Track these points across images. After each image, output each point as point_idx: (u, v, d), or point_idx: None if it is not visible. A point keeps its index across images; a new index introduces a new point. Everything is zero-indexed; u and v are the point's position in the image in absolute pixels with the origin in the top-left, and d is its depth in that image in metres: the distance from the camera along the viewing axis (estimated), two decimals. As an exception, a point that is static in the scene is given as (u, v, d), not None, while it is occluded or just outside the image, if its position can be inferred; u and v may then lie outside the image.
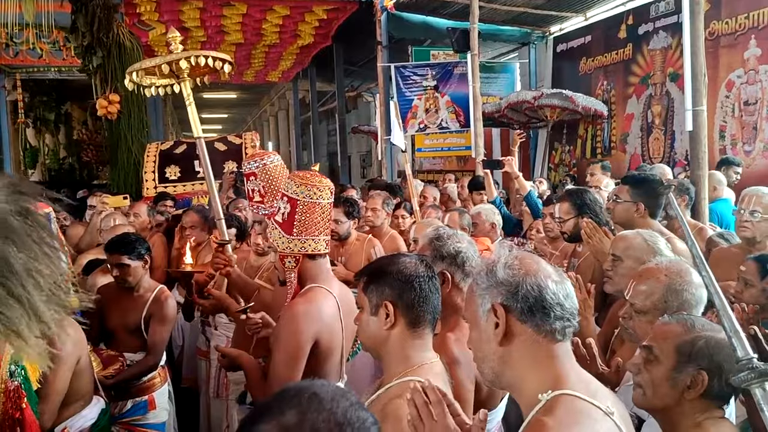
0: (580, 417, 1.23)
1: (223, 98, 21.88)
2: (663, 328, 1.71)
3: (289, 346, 2.12)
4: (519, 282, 1.34)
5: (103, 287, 3.43)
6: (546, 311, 1.32)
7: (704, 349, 1.60)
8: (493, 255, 1.43)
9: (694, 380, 1.59)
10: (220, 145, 6.79)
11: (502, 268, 1.37)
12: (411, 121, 9.64)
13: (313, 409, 0.87)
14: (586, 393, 1.28)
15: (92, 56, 8.22)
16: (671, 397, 1.62)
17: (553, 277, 1.36)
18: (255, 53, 13.06)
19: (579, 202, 3.29)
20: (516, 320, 1.34)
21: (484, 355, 1.40)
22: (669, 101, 7.87)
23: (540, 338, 1.33)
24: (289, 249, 2.22)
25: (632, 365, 1.74)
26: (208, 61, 3.08)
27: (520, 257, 1.39)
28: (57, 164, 15.98)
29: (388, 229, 4.74)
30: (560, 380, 1.30)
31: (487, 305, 1.37)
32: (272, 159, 2.59)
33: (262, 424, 0.86)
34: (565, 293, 1.35)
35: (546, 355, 1.33)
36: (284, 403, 0.88)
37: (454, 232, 2.30)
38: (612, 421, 1.25)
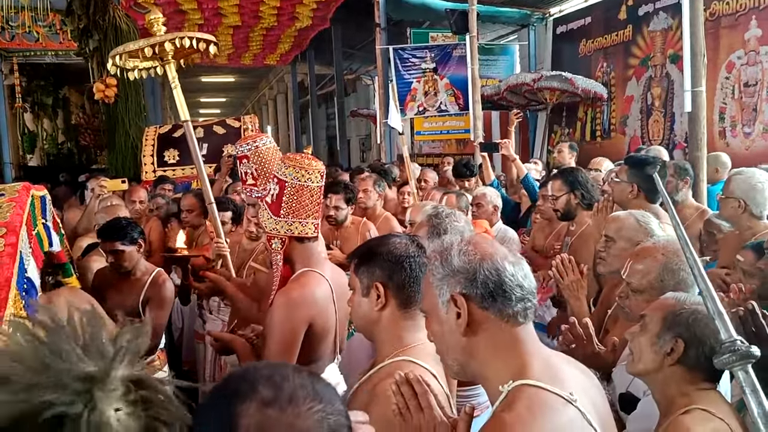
0: (539, 410, 1.20)
1: (221, 82, 21.80)
2: (659, 301, 1.78)
3: (283, 332, 2.12)
4: (476, 268, 1.30)
5: (100, 271, 3.42)
6: (507, 294, 1.29)
7: (685, 320, 1.67)
8: (445, 240, 1.39)
9: (673, 347, 1.66)
10: (219, 129, 6.77)
11: (456, 255, 1.33)
12: (410, 104, 9.59)
13: (281, 381, 0.88)
14: (550, 380, 1.25)
15: (89, 39, 8.18)
16: (654, 362, 1.70)
17: (509, 258, 1.33)
18: (253, 36, 12.97)
19: (571, 178, 3.30)
20: (477, 308, 1.30)
21: (447, 347, 1.36)
22: (669, 83, 7.83)
23: (503, 324, 1.30)
24: (276, 230, 2.23)
25: (629, 333, 1.81)
26: (193, 42, 3.05)
27: (474, 242, 1.35)
28: (55, 149, 15.96)
29: (381, 211, 4.75)
30: (523, 369, 1.27)
31: (446, 295, 1.32)
32: (264, 141, 2.58)
33: (241, 405, 0.86)
34: (524, 273, 1.32)
35: (510, 341, 1.30)
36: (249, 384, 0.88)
37: (452, 212, 2.31)
38: (575, 407, 1.23)
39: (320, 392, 0.90)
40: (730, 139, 6.85)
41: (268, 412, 0.85)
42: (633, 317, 2.01)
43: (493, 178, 5.31)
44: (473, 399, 2.40)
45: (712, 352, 1.62)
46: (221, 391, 0.91)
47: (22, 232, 2.28)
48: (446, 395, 1.58)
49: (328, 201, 4.11)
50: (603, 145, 8.80)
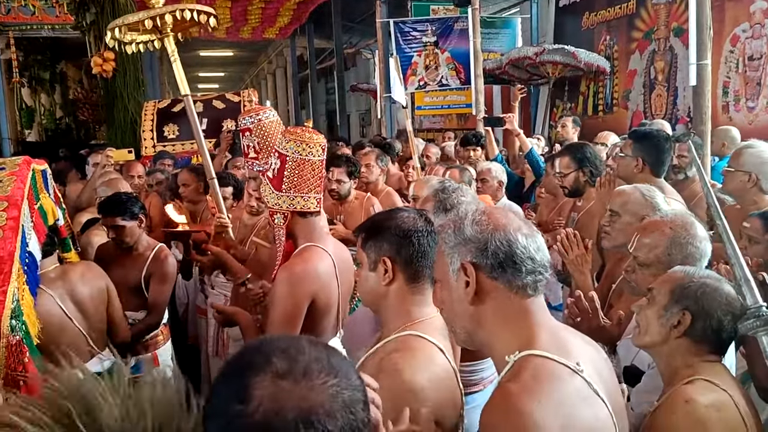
0: (546, 379, 1.20)
1: (219, 56, 21.59)
2: (668, 275, 1.78)
3: (286, 307, 2.12)
4: (488, 238, 1.30)
5: (102, 246, 3.41)
6: (517, 266, 1.28)
7: (693, 292, 1.67)
8: (461, 209, 1.38)
9: (680, 320, 1.66)
10: (219, 103, 6.71)
11: (469, 224, 1.32)
12: (411, 78, 9.51)
13: (296, 354, 0.88)
14: (556, 351, 1.25)
15: (85, 12, 8.05)
16: (660, 334, 1.70)
17: (523, 230, 1.32)
18: (251, 9, 12.80)
19: (579, 155, 3.27)
20: (486, 278, 1.30)
21: (455, 315, 1.37)
22: (672, 57, 7.75)
23: (512, 294, 1.29)
24: (278, 205, 2.21)
25: (636, 305, 1.81)
26: (193, 15, 3.00)
27: (488, 212, 1.35)
28: (53, 124, 15.84)
29: (383, 186, 4.74)
30: (530, 340, 1.26)
31: (457, 264, 1.32)
32: (267, 114, 2.55)
33: (255, 377, 0.85)
34: (536, 246, 1.31)
35: (518, 312, 1.30)
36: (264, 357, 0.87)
37: (459, 186, 2.29)
38: (581, 377, 1.23)
39: (336, 366, 0.89)
40: (733, 114, 6.80)
41: (281, 384, 0.85)
42: (639, 291, 2.01)
43: (497, 152, 5.27)
44: (477, 374, 2.40)
45: (719, 324, 1.65)
46: (236, 363, 0.90)
47: (23, 206, 2.27)
48: (453, 369, 1.58)
49: (330, 175, 4.09)
50: (605, 119, 8.75)
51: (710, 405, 1.54)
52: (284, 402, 0.83)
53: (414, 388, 1.46)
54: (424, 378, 1.49)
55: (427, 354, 1.54)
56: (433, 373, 1.52)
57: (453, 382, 1.58)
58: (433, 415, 1.48)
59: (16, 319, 1.98)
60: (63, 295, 2.74)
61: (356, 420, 0.87)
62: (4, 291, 1.98)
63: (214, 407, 0.87)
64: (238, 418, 0.83)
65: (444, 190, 2.23)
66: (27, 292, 2.14)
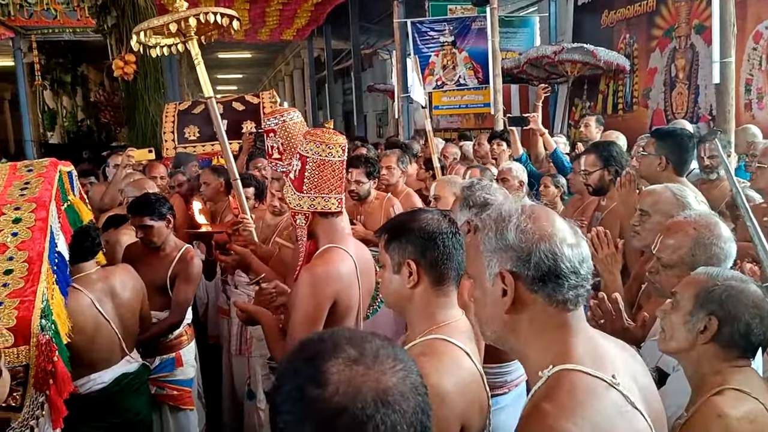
0: (582, 396, 1.15)
1: (237, 58, 21.72)
2: (691, 277, 1.75)
3: (308, 308, 2.13)
4: (531, 249, 1.21)
5: (130, 246, 3.46)
6: (560, 281, 1.21)
7: (718, 297, 1.63)
8: (504, 209, 1.30)
9: (706, 326, 1.63)
10: (238, 105, 6.76)
11: (513, 230, 1.24)
12: (428, 78, 9.49)
13: (363, 342, 0.92)
14: (592, 363, 1.20)
15: (106, 16, 8.18)
16: (687, 340, 1.67)
17: (569, 239, 1.24)
18: (269, 11, 12.88)
19: (605, 154, 3.24)
20: (526, 289, 1.23)
21: (486, 318, 1.31)
22: (694, 54, 7.66)
23: (551, 308, 1.23)
24: (299, 206, 2.22)
25: (660, 311, 1.78)
26: (216, 18, 3.02)
27: (534, 216, 1.25)
28: (75, 126, 16.07)
29: (403, 187, 4.74)
30: (565, 352, 1.22)
31: (495, 269, 1.25)
32: (292, 116, 2.57)
33: (327, 362, 0.88)
34: (581, 258, 1.24)
35: (555, 325, 1.24)
36: (332, 345, 0.91)
37: (489, 184, 2.27)
38: (617, 391, 1.18)
39: (399, 353, 0.93)
40: (756, 112, 6.71)
41: (355, 368, 0.88)
42: (663, 293, 1.99)
43: (522, 152, 5.24)
44: (502, 377, 2.39)
45: (747, 328, 1.61)
46: (303, 354, 0.93)
47: (51, 207, 2.30)
48: (479, 373, 1.57)
49: (349, 176, 4.10)
50: (625, 118, 8.67)
51: (742, 417, 1.51)
52: (361, 385, 0.86)
53: (441, 393, 1.43)
54: (451, 382, 1.47)
55: (453, 358, 1.53)
56: (460, 377, 1.51)
57: (479, 386, 1.57)
58: (460, 420, 1.48)
59: (45, 319, 2.01)
60: (102, 297, 2.79)
61: (425, 403, 0.90)
62: (33, 291, 2.02)
63: (287, 393, 0.89)
64: (316, 402, 0.86)
65: (470, 187, 2.22)
66: (57, 291, 2.17)
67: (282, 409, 0.89)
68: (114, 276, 2.90)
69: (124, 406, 2.90)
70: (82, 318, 2.66)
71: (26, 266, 2.06)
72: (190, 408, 3.50)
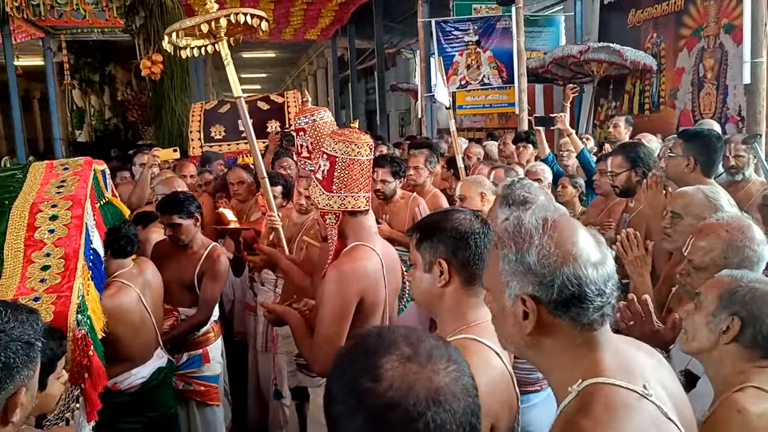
0: (618, 411, 1.13)
1: (261, 57, 21.85)
2: (715, 279, 1.74)
3: (335, 305, 2.15)
4: (554, 274, 1.16)
5: (159, 243, 3.52)
6: (584, 306, 1.17)
7: (742, 298, 1.63)
8: (524, 222, 1.23)
9: (729, 326, 1.63)
10: (263, 104, 6.81)
11: (535, 253, 1.18)
12: (452, 78, 9.48)
13: (418, 341, 0.93)
14: (622, 374, 1.18)
15: (135, 16, 8.30)
16: (709, 341, 1.67)
17: (593, 258, 1.18)
18: (293, 11, 12.95)
19: (632, 155, 3.20)
20: (548, 313, 1.19)
21: (506, 335, 1.29)
22: (722, 54, 7.54)
23: (576, 331, 1.20)
24: (329, 206, 2.24)
25: (683, 311, 1.79)
26: (247, 18, 3.06)
27: (556, 237, 1.19)
28: (102, 125, 16.33)
29: (430, 187, 4.73)
30: (594, 366, 1.19)
31: (514, 290, 1.21)
32: (322, 115, 2.59)
33: (382, 357, 0.90)
34: (606, 277, 1.18)
35: (581, 344, 1.21)
36: (388, 342, 0.93)
37: (529, 183, 2.27)
38: (650, 402, 1.16)
39: (453, 354, 0.95)
40: (787, 112, 6.59)
41: (409, 366, 0.90)
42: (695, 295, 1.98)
43: (548, 152, 5.21)
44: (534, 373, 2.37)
45: None
46: (358, 347, 0.95)
47: (86, 205, 2.36)
48: (509, 373, 1.57)
49: (375, 175, 4.11)
50: (652, 118, 8.57)
51: (763, 414, 1.50)
52: (414, 382, 0.88)
53: None
54: (482, 382, 1.44)
55: (483, 358, 1.53)
56: (490, 377, 1.50)
57: (509, 386, 1.56)
58: (490, 419, 1.48)
59: (81, 314, 2.06)
60: (144, 291, 2.88)
61: (475, 405, 0.92)
62: (70, 286, 2.07)
63: (340, 385, 0.92)
64: (369, 395, 0.88)
65: (510, 185, 2.21)
66: (92, 287, 2.22)
67: (336, 399, 0.91)
68: (146, 270, 2.98)
69: (160, 399, 2.98)
70: (132, 312, 2.76)
71: (63, 262, 2.11)
72: (217, 404, 3.55)
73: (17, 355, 1.27)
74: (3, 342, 1.26)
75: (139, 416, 2.87)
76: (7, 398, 1.28)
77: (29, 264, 2.09)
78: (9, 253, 2.11)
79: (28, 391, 1.33)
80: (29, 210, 2.26)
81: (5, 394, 1.27)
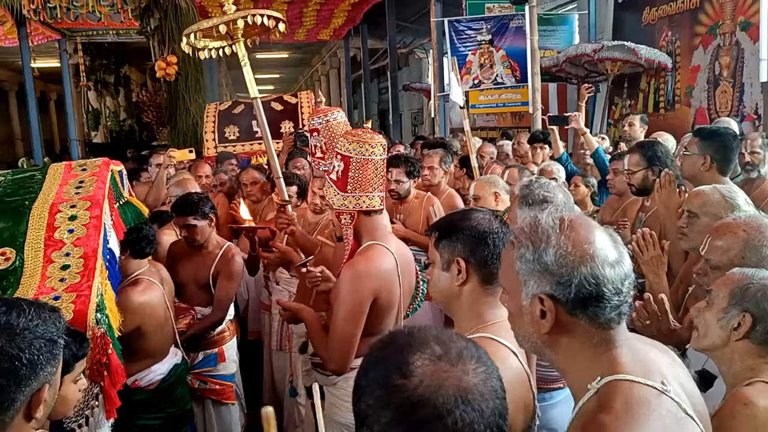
0: (638, 406, 1.14)
1: (274, 58, 21.93)
2: (726, 276, 1.75)
3: (349, 304, 2.16)
4: (572, 273, 1.18)
5: (174, 244, 3.55)
6: (601, 305, 1.18)
7: (753, 294, 1.64)
8: (541, 222, 1.25)
9: (740, 322, 1.63)
10: (277, 105, 6.84)
11: (552, 252, 1.19)
12: (465, 77, 9.46)
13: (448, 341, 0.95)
14: (640, 370, 1.18)
15: (149, 18, 8.38)
16: (720, 337, 1.68)
17: (610, 257, 1.19)
18: (306, 11, 12.99)
19: (650, 153, 3.18)
20: (565, 312, 1.20)
21: (523, 333, 1.30)
22: (739, 52, 7.46)
23: (593, 329, 1.21)
24: (344, 206, 2.25)
25: (695, 308, 1.79)
26: (264, 19, 3.08)
27: (572, 237, 1.20)
28: (117, 126, 16.50)
29: (445, 187, 4.73)
30: (613, 363, 1.20)
31: (532, 290, 1.22)
32: (336, 116, 2.60)
33: (413, 355, 0.92)
34: (623, 275, 1.19)
35: (598, 342, 1.22)
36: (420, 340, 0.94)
37: (547, 182, 2.27)
38: (668, 398, 1.17)
39: (482, 356, 0.96)
40: (805, 110, 6.52)
41: (439, 364, 0.91)
42: (708, 292, 1.97)
43: (562, 151, 5.18)
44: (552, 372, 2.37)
45: None
46: (390, 345, 0.97)
47: (104, 205, 2.38)
48: (526, 373, 1.57)
49: (389, 175, 4.12)
50: (667, 117, 8.50)
51: None
52: (443, 380, 0.90)
53: None
54: None
55: (500, 357, 1.52)
56: (507, 376, 1.45)
57: (526, 386, 1.57)
58: None
59: (100, 312, 2.09)
60: (165, 288, 2.93)
61: (502, 407, 0.93)
62: (89, 285, 2.09)
63: (370, 379, 0.93)
64: (399, 390, 0.89)
65: (528, 186, 2.21)
66: (109, 287, 2.25)
67: (365, 392, 0.93)
68: (160, 269, 3.03)
69: (178, 396, 3.02)
70: (159, 308, 2.84)
71: (82, 262, 2.14)
72: (232, 402, 3.58)
73: (41, 352, 1.29)
74: (27, 339, 1.28)
75: (159, 412, 2.91)
76: (31, 395, 1.30)
77: (49, 263, 2.12)
78: (30, 253, 2.14)
79: (51, 388, 1.35)
80: (49, 210, 2.29)
81: (29, 391, 1.29)
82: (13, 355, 1.26)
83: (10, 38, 12.57)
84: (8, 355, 1.25)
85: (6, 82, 19.97)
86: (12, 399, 1.26)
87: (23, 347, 1.27)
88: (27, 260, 2.13)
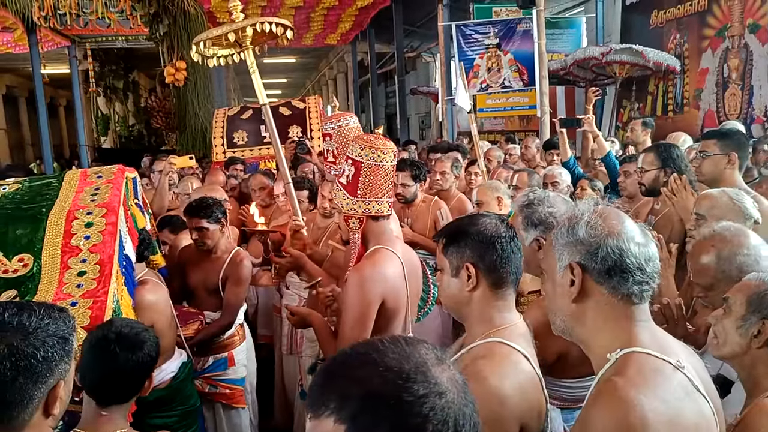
0: (651, 374, 1.23)
1: (282, 63, 21.99)
2: (742, 282, 1.76)
3: (357, 308, 2.16)
4: (599, 243, 1.32)
5: (184, 249, 3.58)
6: (625, 276, 1.31)
7: None
8: (578, 209, 1.42)
9: (760, 330, 1.64)
10: (285, 110, 6.87)
11: (584, 226, 1.35)
12: (473, 81, 9.47)
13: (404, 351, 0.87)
14: (658, 349, 1.28)
15: (159, 24, 8.45)
16: (740, 345, 1.68)
17: (637, 238, 1.33)
18: (314, 16, 13.04)
19: (665, 155, 3.14)
20: (592, 280, 1.34)
21: (556, 308, 1.42)
22: (748, 54, 7.46)
23: (615, 300, 1.32)
24: (353, 210, 2.26)
25: (712, 317, 1.80)
26: (272, 27, 3.10)
27: (605, 215, 1.36)
28: (126, 131, 16.60)
29: (455, 192, 4.74)
30: (631, 338, 1.30)
31: (565, 261, 1.37)
32: (348, 121, 2.62)
33: (362, 369, 0.84)
34: (647, 256, 1.32)
35: (620, 316, 1.33)
36: (374, 351, 0.86)
37: (546, 196, 2.25)
38: (683, 374, 1.25)
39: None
40: (814, 113, 6.50)
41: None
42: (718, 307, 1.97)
43: (570, 155, 5.18)
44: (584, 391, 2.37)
45: None
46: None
47: (120, 212, 2.42)
48: (538, 377, 1.58)
49: (396, 179, 4.13)
50: (675, 120, 8.50)
51: None
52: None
53: (500, 395, 1.45)
54: (511, 386, 1.48)
55: (512, 361, 1.54)
56: (519, 380, 1.52)
57: (538, 390, 1.57)
58: (519, 422, 1.49)
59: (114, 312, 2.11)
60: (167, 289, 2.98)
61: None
62: (105, 291, 2.12)
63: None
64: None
65: (529, 205, 2.20)
66: (125, 292, 2.28)
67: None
68: (157, 275, 3.09)
69: (188, 393, 3.04)
70: (167, 305, 2.89)
71: (98, 268, 2.17)
72: (242, 406, 3.59)
73: (54, 349, 1.34)
74: (40, 338, 1.33)
75: (171, 410, 2.93)
76: (48, 391, 1.34)
77: (66, 270, 2.15)
78: (47, 260, 2.17)
79: (65, 385, 1.39)
80: (65, 217, 2.32)
81: (46, 388, 1.33)
82: (29, 353, 1.30)
83: (20, 45, 12.69)
84: (24, 354, 1.29)
85: (16, 88, 20.16)
86: (30, 396, 1.30)
87: (37, 345, 1.31)
88: (44, 266, 2.16)
